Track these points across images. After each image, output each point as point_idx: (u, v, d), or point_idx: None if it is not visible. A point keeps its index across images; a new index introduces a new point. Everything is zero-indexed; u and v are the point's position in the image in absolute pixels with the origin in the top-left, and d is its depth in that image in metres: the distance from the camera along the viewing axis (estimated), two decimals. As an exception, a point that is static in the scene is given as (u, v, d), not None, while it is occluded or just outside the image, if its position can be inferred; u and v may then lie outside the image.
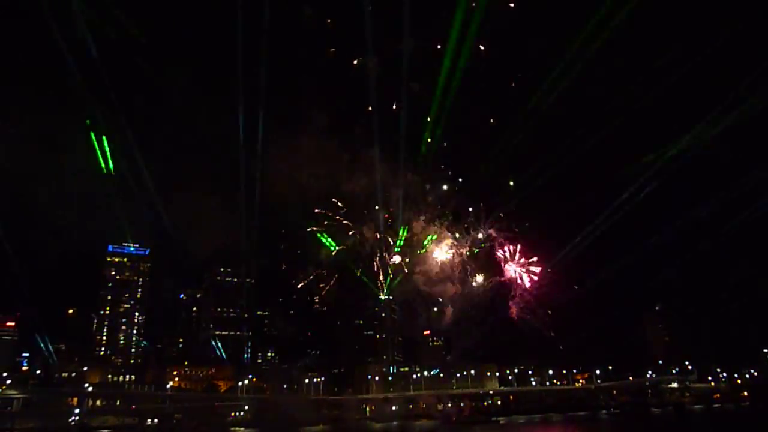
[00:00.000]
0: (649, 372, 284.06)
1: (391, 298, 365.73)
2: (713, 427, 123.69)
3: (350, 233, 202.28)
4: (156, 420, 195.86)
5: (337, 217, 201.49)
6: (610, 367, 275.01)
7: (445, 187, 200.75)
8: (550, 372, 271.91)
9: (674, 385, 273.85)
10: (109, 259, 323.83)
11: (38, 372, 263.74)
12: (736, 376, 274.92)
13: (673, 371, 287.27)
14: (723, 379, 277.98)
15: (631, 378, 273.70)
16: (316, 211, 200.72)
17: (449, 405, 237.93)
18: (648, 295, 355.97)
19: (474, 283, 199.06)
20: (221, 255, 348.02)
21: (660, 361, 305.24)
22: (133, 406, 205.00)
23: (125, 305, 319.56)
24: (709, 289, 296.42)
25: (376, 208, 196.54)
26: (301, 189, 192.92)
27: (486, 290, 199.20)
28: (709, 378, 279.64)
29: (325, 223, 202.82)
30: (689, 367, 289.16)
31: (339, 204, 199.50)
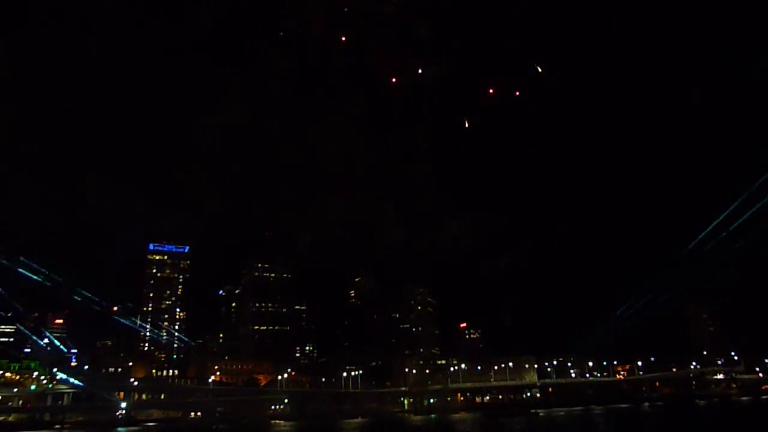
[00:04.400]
0: (694, 363, 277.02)
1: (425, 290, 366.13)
2: (762, 420, 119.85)
3: None
4: (199, 413, 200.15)
5: None
6: (653, 358, 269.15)
7: None
8: (590, 363, 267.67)
9: (720, 376, 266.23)
10: (150, 257, 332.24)
11: (86, 367, 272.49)
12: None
13: (719, 362, 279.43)
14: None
15: (674, 369, 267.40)
16: None
17: (487, 398, 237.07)
18: (691, 284, 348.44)
19: None
20: (259, 250, 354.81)
21: (705, 352, 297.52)
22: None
23: (167, 302, 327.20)
24: (755, 277, 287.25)
25: None
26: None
27: None
28: (757, 369, 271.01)
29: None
30: (735, 358, 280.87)
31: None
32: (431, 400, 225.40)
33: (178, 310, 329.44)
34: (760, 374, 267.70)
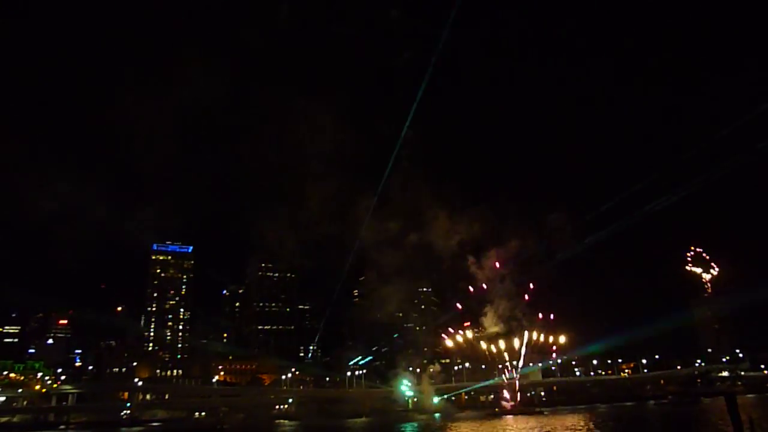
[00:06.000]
0: (698, 361, 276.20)
1: (429, 289, 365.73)
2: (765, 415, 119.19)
3: None
4: (203, 413, 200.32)
5: None
6: (657, 356, 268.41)
7: None
8: (595, 362, 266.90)
9: (725, 373, 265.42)
10: (153, 257, 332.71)
11: (90, 368, 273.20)
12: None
13: (724, 359, 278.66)
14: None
15: (679, 367, 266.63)
16: None
17: (492, 396, 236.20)
18: (696, 280, 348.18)
19: None
20: (263, 251, 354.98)
21: (709, 349, 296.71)
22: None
23: (171, 302, 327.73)
24: (759, 273, 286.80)
25: None
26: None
27: None
28: (762, 366, 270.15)
29: None
30: (740, 355, 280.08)
31: None
32: (436, 399, 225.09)
33: (182, 310, 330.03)
34: (765, 371, 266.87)
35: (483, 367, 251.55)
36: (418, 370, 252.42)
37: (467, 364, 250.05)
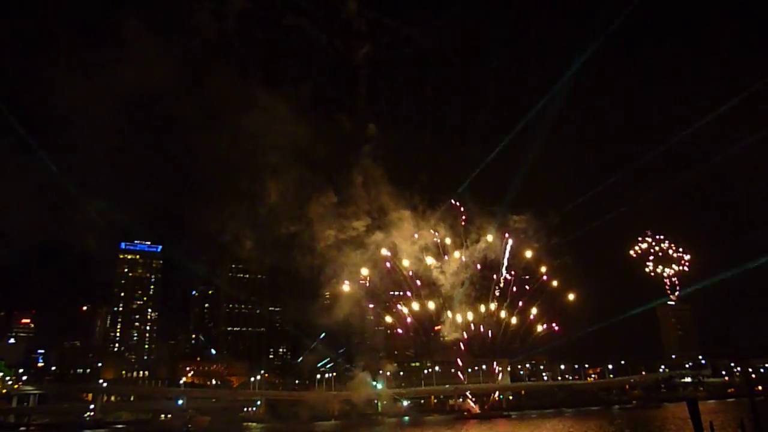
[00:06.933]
0: (663, 366, 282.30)
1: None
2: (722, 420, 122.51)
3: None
4: (170, 415, 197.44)
5: None
6: (623, 362, 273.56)
7: None
8: (562, 367, 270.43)
9: (688, 379, 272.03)
10: (121, 256, 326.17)
11: (53, 368, 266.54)
12: (750, 370, 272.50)
13: (687, 365, 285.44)
14: (737, 374, 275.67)
15: (644, 372, 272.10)
16: None
17: (460, 400, 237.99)
18: (660, 289, 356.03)
19: None
20: (233, 251, 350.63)
21: (673, 356, 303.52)
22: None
23: (138, 302, 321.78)
24: (722, 283, 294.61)
25: None
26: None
27: None
28: (723, 372, 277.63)
29: None
30: (702, 362, 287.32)
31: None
32: (405, 403, 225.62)
33: (150, 310, 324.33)
34: (726, 377, 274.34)
35: (452, 370, 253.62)
36: (388, 373, 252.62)
37: (437, 368, 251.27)
